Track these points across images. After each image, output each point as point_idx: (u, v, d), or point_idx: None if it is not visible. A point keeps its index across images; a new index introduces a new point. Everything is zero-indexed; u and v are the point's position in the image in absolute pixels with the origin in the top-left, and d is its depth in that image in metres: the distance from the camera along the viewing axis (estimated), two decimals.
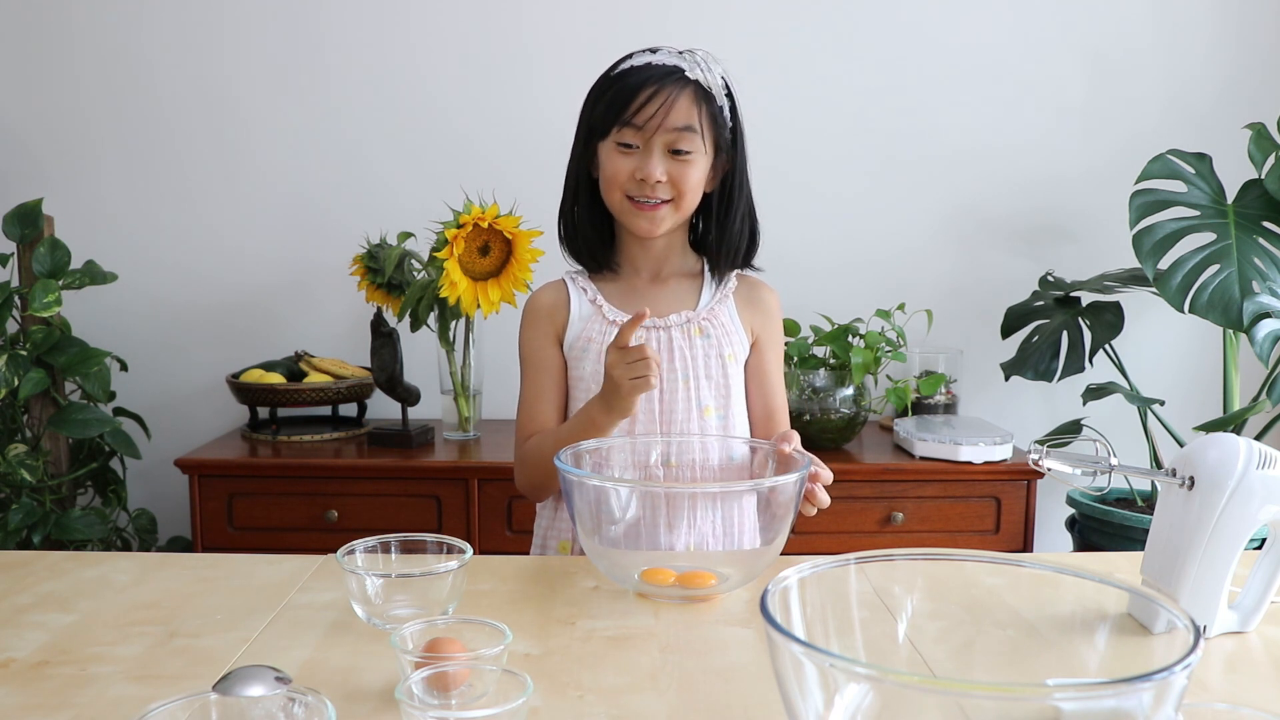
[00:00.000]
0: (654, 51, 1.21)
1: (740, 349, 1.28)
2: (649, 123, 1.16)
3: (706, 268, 1.30)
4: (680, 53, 1.21)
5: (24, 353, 1.91)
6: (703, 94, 1.19)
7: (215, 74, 2.22)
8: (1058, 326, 2.07)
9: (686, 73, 1.18)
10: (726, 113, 1.22)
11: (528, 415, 1.27)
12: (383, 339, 2.01)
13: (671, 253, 1.29)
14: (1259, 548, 0.91)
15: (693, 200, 1.22)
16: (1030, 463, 0.90)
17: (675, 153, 1.18)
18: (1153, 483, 2.06)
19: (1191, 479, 0.86)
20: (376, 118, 2.24)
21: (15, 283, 1.98)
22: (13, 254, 1.98)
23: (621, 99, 1.18)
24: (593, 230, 1.28)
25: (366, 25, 2.21)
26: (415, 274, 2.01)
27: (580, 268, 1.32)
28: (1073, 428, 2.04)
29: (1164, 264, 1.86)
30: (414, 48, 2.22)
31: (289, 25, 2.21)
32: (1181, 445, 1.59)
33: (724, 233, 1.26)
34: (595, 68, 1.24)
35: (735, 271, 1.31)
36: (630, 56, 1.22)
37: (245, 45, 2.21)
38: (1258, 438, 1.81)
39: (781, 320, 1.34)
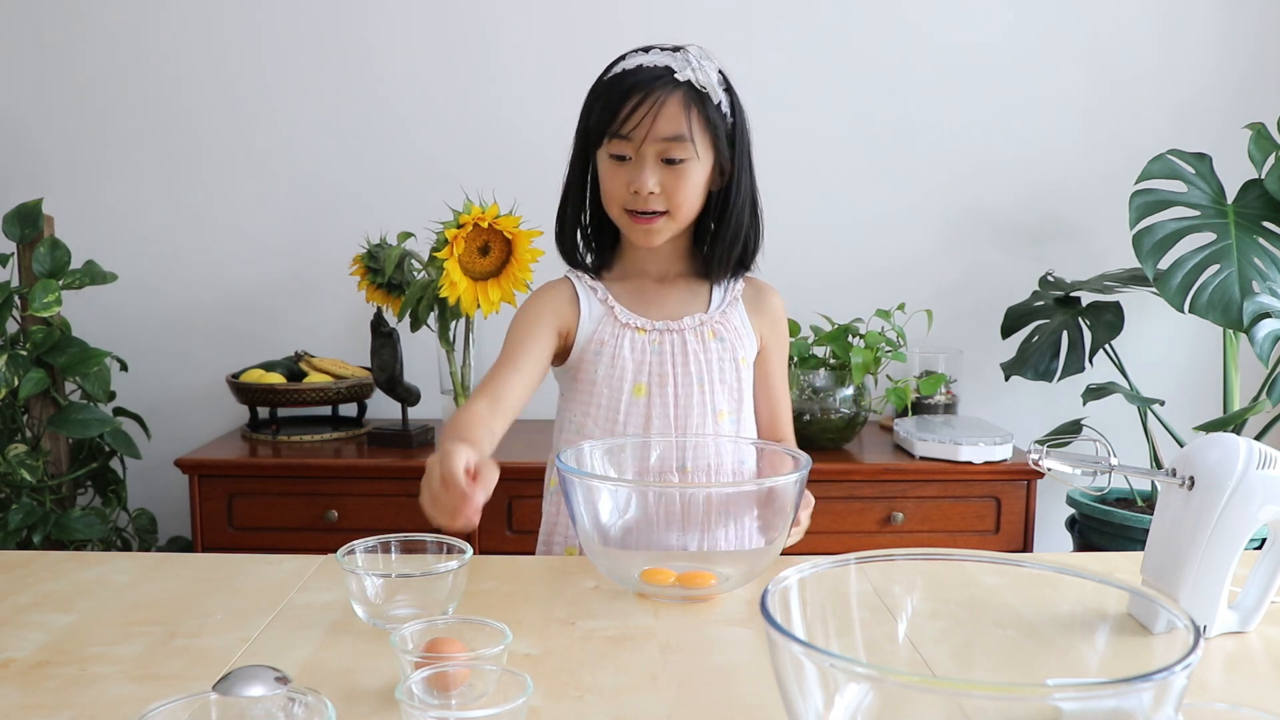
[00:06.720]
0: (646, 51, 1.17)
1: (750, 352, 1.26)
2: (635, 132, 1.12)
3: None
4: (674, 51, 1.16)
5: (24, 353, 1.91)
6: (694, 95, 1.14)
7: (214, 75, 2.22)
8: (1058, 326, 2.07)
9: (677, 74, 1.13)
10: (726, 107, 1.17)
11: (484, 381, 1.17)
12: (383, 339, 2.01)
13: (677, 255, 1.26)
14: (1259, 548, 0.91)
15: (690, 209, 1.18)
16: (1030, 463, 0.90)
17: (668, 161, 1.14)
18: (1153, 483, 2.06)
19: (1191, 479, 0.86)
20: (376, 117, 2.24)
21: (15, 283, 1.98)
22: (13, 254, 1.98)
23: (610, 107, 1.14)
24: (593, 234, 1.25)
25: (365, 26, 2.21)
26: (415, 274, 2.01)
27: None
28: (1073, 428, 2.04)
29: (1164, 264, 1.86)
30: (413, 47, 2.22)
31: (288, 27, 2.21)
32: (1181, 445, 1.59)
33: (718, 235, 1.22)
34: (594, 67, 1.23)
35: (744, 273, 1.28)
36: (624, 58, 1.18)
37: (245, 46, 2.21)
38: (1258, 438, 1.81)
39: (786, 323, 1.33)
